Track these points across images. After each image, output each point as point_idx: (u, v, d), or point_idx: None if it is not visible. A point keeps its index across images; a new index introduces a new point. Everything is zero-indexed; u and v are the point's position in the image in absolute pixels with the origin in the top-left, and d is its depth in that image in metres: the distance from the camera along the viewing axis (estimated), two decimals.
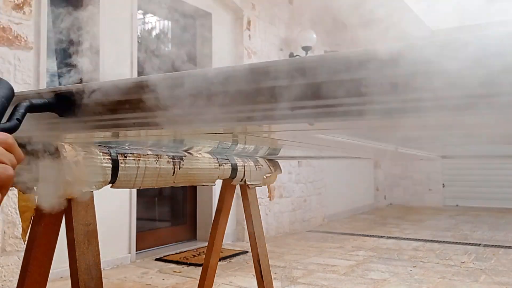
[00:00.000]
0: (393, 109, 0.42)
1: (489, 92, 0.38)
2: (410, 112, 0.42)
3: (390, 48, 0.42)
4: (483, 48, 0.37)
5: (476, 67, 0.37)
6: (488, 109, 0.39)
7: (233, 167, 1.59)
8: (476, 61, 0.37)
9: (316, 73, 0.46)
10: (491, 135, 1.03)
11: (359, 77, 0.43)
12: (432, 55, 0.40)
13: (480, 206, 7.96)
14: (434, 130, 0.81)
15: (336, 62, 0.45)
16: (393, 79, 0.42)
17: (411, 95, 0.41)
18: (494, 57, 0.37)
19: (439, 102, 0.40)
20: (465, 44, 0.38)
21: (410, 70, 0.41)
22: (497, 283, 3.20)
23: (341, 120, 0.47)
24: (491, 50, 0.37)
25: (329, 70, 0.45)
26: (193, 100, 0.55)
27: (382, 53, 0.42)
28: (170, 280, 3.28)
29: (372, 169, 8.34)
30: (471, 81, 0.38)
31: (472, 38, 0.38)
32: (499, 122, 0.54)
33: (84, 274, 0.97)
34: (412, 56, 0.40)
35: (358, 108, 0.44)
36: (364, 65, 0.42)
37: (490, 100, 0.38)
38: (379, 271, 3.55)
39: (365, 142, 1.10)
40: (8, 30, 2.83)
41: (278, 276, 3.36)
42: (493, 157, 2.18)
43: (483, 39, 0.37)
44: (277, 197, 5.28)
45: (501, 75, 0.37)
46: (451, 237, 5.12)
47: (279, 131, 0.74)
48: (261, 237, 1.84)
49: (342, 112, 0.46)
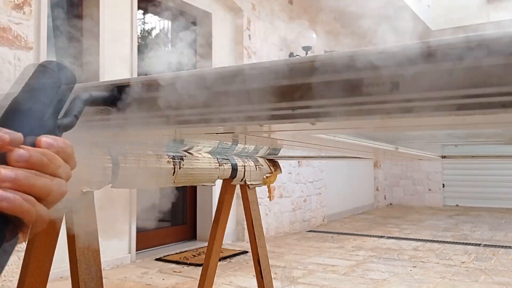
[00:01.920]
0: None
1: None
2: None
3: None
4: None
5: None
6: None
7: (233, 167, 1.59)
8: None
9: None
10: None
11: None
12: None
13: (480, 206, 7.96)
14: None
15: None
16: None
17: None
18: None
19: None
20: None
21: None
22: (497, 283, 3.20)
23: (343, 120, 0.47)
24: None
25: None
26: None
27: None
28: (170, 280, 3.28)
29: (372, 169, 8.34)
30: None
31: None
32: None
33: (84, 274, 0.97)
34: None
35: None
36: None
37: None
38: (379, 271, 3.55)
39: (365, 142, 1.10)
40: (8, 30, 2.83)
41: (278, 276, 3.36)
42: (493, 157, 2.18)
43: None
44: (277, 197, 5.28)
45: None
46: (451, 237, 5.12)
47: (279, 131, 0.74)
48: (261, 237, 1.83)
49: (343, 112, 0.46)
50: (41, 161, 0.39)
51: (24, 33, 2.92)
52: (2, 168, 0.37)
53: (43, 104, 0.45)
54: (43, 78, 0.47)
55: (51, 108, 0.46)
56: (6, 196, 0.36)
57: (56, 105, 0.47)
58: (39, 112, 0.44)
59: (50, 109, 0.45)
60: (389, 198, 8.88)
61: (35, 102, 0.45)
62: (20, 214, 0.36)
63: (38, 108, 0.44)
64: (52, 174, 0.40)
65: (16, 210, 0.36)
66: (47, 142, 0.40)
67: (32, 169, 0.38)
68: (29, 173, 0.38)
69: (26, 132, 0.41)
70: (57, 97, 0.47)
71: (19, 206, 0.36)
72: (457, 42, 0.38)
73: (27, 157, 0.38)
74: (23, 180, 0.37)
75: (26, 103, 0.44)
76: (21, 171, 0.37)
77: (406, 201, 8.81)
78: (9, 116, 0.43)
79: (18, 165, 0.38)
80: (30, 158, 0.38)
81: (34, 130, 0.42)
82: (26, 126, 0.42)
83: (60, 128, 0.46)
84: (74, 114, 0.49)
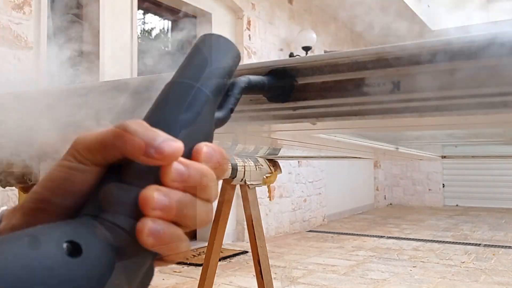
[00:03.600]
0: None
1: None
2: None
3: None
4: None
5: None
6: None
7: (233, 167, 1.59)
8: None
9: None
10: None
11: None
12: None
13: (480, 206, 7.96)
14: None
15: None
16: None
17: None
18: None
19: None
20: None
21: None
22: (497, 283, 3.20)
23: (343, 119, 0.47)
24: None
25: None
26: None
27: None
28: (170, 280, 3.28)
29: (372, 169, 8.34)
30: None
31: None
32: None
33: None
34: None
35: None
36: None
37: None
38: (379, 271, 3.55)
39: (365, 142, 1.10)
40: (8, 30, 2.83)
41: (278, 276, 3.36)
42: (493, 157, 2.18)
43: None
44: (277, 197, 5.28)
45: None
46: (451, 237, 5.12)
47: (279, 131, 0.74)
48: (261, 237, 1.83)
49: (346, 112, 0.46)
50: (200, 182, 0.29)
51: (24, 33, 2.92)
52: (156, 190, 0.27)
53: (203, 93, 0.32)
54: (205, 54, 0.34)
55: (212, 98, 0.32)
56: (155, 229, 0.26)
57: (217, 94, 0.33)
58: (199, 104, 0.31)
59: (211, 99, 0.32)
60: (389, 198, 8.89)
61: (192, 89, 0.32)
62: (165, 251, 0.28)
63: (197, 98, 0.31)
64: (207, 199, 0.29)
65: (162, 248, 0.27)
66: (207, 155, 0.30)
67: (188, 192, 0.28)
68: (184, 199, 0.28)
69: (181, 131, 0.29)
70: (221, 82, 0.34)
71: (166, 242, 0.27)
72: (457, 42, 0.38)
73: (186, 177, 0.28)
74: (178, 209, 0.28)
75: (183, 90, 0.31)
76: (176, 195, 0.28)
77: (406, 201, 8.81)
78: (161, 107, 0.31)
79: (173, 185, 0.28)
80: (189, 178, 0.28)
81: (191, 131, 0.30)
82: (183, 123, 0.30)
83: (217, 124, 0.34)
84: (230, 106, 0.36)
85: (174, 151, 0.28)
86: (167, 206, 0.27)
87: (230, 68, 0.35)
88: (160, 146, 0.27)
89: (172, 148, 0.28)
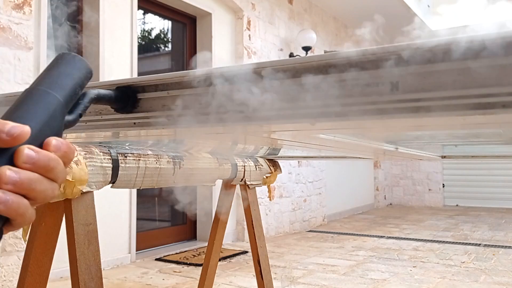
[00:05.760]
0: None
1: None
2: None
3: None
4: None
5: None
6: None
7: (233, 167, 1.59)
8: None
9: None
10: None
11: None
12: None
13: (480, 206, 7.96)
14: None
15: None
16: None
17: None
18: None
19: None
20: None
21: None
22: (497, 283, 3.20)
23: (342, 120, 0.47)
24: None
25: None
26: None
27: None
28: (170, 280, 3.28)
29: (372, 169, 8.34)
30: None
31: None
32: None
33: (84, 274, 0.97)
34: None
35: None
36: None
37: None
38: (379, 271, 3.55)
39: (365, 142, 1.10)
40: (8, 30, 2.83)
41: (278, 276, 3.36)
42: (493, 157, 2.18)
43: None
44: (277, 197, 5.28)
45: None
46: (451, 237, 5.12)
47: (279, 131, 0.74)
48: (261, 237, 1.83)
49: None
50: (47, 165, 0.38)
51: (24, 33, 2.92)
52: (8, 169, 0.36)
53: (55, 98, 0.41)
54: (61, 68, 0.43)
55: (63, 103, 0.42)
56: (5, 199, 0.35)
57: (69, 101, 0.43)
58: (50, 106, 0.40)
59: (62, 104, 0.42)
60: (389, 198, 8.89)
61: (47, 95, 0.41)
62: (14, 217, 0.36)
63: (50, 102, 0.41)
64: (53, 179, 0.39)
65: (11, 213, 0.36)
66: (55, 146, 0.39)
67: (36, 172, 0.37)
68: (32, 177, 0.37)
69: (34, 127, 0.38)
70: (72, 91, 0.43)
71: (15, 210, 0.36)
72: (457, 42, 0.38)
73: (35, 160, 0.37)
74: (25, 184, 0.36)
75: (39, 95, 0.40)
76: (25, 174, 0.36)
77: (406, 201, 8.81)
78: (19, 107, 0.39)
79: (24, 166, 0.36)
80: (38, 161, 0.37)
81: (43, 126, 0.39)
82: (35, 120, 0.39)
83: (66, 125, 0.43)
84: (79, 112, 0.46)
85: (21, 132, 0.37)
86: (17, 182, 0.36)
87: (82, 81, 0.45)
88: (9, 130, 0.36)
89: (19, 130, 0.37)
